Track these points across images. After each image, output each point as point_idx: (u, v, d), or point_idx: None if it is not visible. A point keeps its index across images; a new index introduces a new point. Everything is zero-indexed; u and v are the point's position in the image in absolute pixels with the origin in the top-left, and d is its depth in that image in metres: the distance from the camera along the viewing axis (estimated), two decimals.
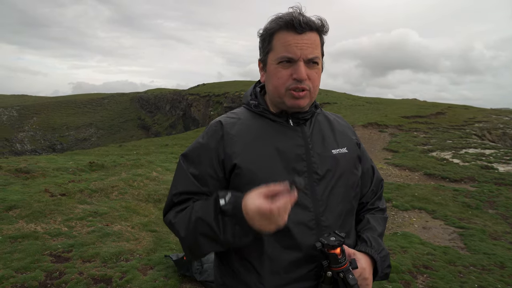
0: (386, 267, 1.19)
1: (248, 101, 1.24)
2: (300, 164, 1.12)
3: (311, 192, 1.11)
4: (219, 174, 1.13)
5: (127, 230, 4.84)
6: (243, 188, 1.07)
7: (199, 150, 1.17)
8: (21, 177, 6.53)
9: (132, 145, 15.57)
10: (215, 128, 1.17)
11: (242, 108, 1.27)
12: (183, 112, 50.94)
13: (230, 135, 1.14)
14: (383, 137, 14.34)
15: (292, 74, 1.09)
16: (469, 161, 10.25)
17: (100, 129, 62.32)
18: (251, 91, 1.28)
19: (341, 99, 29.37)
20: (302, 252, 1.08)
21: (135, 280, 3.50)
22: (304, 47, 1.07)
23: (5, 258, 3.75)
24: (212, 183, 1.14)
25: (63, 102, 69.87)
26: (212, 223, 1.02)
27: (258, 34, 1.17)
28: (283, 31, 1.09)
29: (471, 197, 7.05)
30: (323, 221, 1.11)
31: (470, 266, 4.14)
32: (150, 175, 7.42)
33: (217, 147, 1.13)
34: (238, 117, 1.21)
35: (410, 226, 5.62)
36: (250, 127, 1.16)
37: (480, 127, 16.50)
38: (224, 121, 1.19)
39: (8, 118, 60.83)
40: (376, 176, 1.36)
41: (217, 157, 1.13)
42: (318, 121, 1.24)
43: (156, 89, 71.41)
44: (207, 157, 1.14)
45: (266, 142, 1.13)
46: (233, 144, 1.12)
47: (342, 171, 1.17)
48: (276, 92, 1.14)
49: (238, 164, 1.09)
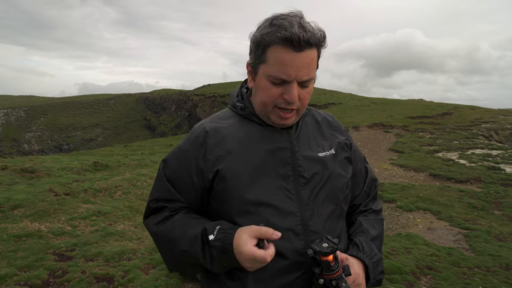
0: (379, 273, 1.15)
1: (234, 103, 1.19)
2: (285, 168, 1.09)
3: (297, 197, 1.08)
4: (196, 183, 1.09)
5: (130, 229, 4.86)
6: (227, 193, 1.05)
7: (177, 157, 1.13)
8: (26, 177, 6.60)
9: (137, 145, 15.66)
10: (197, 134, 1.12)
11: (228, 110, 1.21)
12: (189, 112, 51.12)
13: (213, 141, 1.09)
14: (389, 137, 14.25)
15: (283, 93, 1.03)
16: (476, 161, 10.14)
17: (106, 129, 62.78)
18: (237, 91, 1.21)
19: (346, 100, 29.27)
20: (288, 259, 1.04)
21: (137, 279, 3.51)
22: (299, 69, 1.00)
23: (9, 256, 3.78)
24: (188, 191, 1.11)
25: (70, 103, 70.51)
26: (199, 256, 1.01)
27: (250, 35, 1.08)
28: (279, 46, 0.99)
29: (477, 198, 6.98)
30: (310, 226, 1.07)
31: (475, 267, 4.09)
32: (154, 175, 7.44)
33: (197, 155, 1.09)
34: (222, 120, 1.16)
35: (415, 227, 5.57)
36: (235, 131, 1.12)
37: (487, 128, 16.33)
38: (208, 126, 1.13)
39: (16, 118, 61.52)
40: (369, 177, 1.31)
41: (196, 166, 1.09)
42: (305, 123, 1.20)
43: (161, 90, 71.78)
44: (185, 165, 1.10)
45: (251, 147, 1.09)
46: (216, 150, 1.08)
47: (329, 174, 1.13)
48: (263, 106, 1.09)
49: (222, 170, 1.05)
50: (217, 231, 1.00)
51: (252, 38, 1.07)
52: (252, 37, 1.07)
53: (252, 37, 1.07)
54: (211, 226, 1.02)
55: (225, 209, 1.07)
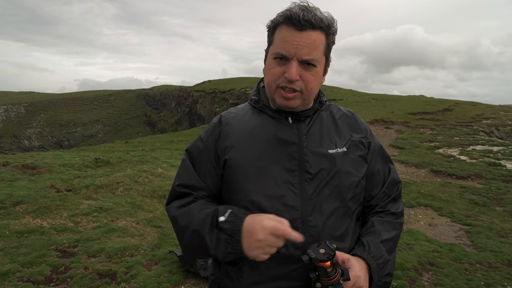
0: (386, 275, 1.10)
1: (251, 97, 1.26)
2: (291, 163, 1.09)
3: (300, 191, 1.08)
4: (218, 170, 1.15)
5: (132, 225, 4.87)
6: (234, 183, 1.11)
7: (199, 146, 1.20)
8: (28, 173, 6.60)
9: (138, 142, 15.65)
10: (214, 124, 1.21)
11: (246, 103, 1.28)
12: (189, 108, 51.07)
13: (226, 130, 1.17)
14: (390, 133, 14.23)
15: (285, 72, 1.06)
16: (477, 158, 10.13)
17: (106, 125, 62.77)
18: (257, 86, 1.28)
19: (347, 96, 29.21)
20: (284, 251, 1.04)
21: (139, 276, 3.51)
22: (300, 47, 1.03)
23: (11, 252, 3.79)
24: (211, 179, 1.16)
25: (70, 99, 70.45)
26: (206, 238, 1.03)
27: (268, 23, 1.15)
28: (284, 26, 1.06)
29: (478, 194, 6.98)
30: (310, 221, 1.06)
31: (477, 263, 4.09)
32: (155, 171, 7.44)
33: (215, 143, 1.16)
34: (237, 112, 1.23)
35: (416, 223, 5.58)
36: (247, 123, 1.17)
37: (488, 124, 16.31)
38: (224, 116, 1.22)
39: (16, 114, 61.52)
40: (391, 178, 1.26)
41: (214, 153, 1.15)
42: (321, 118, 1.19)
43: (162, 86, 71.69)
44: (206, 153, 1.17)
45: (259, 139, 1.13)
46: (226, 139, 1.14)
47: (336, 171, 1.11)
48: (268, 87, 1.14)
49: (229, 159, 1.11)
50: (229, 214, 1.03)
51: (269, 27, 1.14)
52: (268, 25, 1.14)
53: (268, 25, 1.14)
54: (223, 208, 1.05)
55: (232, 198, 1.12)
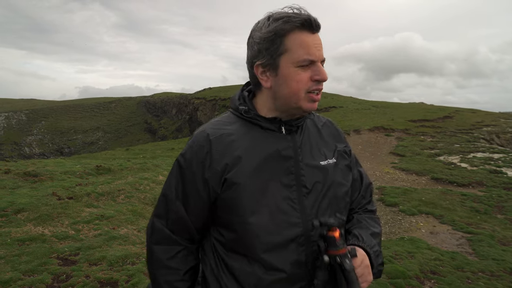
0: (380, 265, 1.15)
1: (236, 106, 1.15)
2: (289, 178, 1.07)
3: (300, 207, 1.06)
4: (203, 195, 1.07)
5: (133, 233, 4.86)
6: (234, 203, 1.03)
7: (182, 171, 1.10)
8: (29, 181, 6.61)
9: (139, 149, 15.67)
10: (200, 143, 1.08)
11: (229, 115, 1.17)
12: (189, 116, 51.17)
13: (219, 148, 1.06)
14: (390, 141, 14.25)
15: (312, 76, 1.04)
16: (477, 165, 10.13)
17: (107, 133, 62.83)
18: (238, 95, 1.18)
19: (347, 103, 29.28)
20: (286, 272, 1.04)
21: (141, 284, 3.50)
22: (319, 48, 1.05)
23: (13, 260, 3.78)
24: (195, 206, 1.09)
25: (71, 106, 70.64)
26: None
27: (251, 39, 1.09)
28: (298, 31, 1.03)
29: (480, 202, 6.97)
30: (312, 236, 1.06)
31: (479, 272, 4.08)
32: (156, 178, 7.45)
33: (202, 166, 1.05)
34: (225, 126, 1.12)
35: (417, 231, 5.56)
36: (241, 137, 1.08)
37: (488, 131, 16.32)
38: (212, 133, 1.09)
39: (17, 122, 61.64)
40: (365, 181, 1.30)
41: (201, 177, 1.06)
42: (307, 128, 1.18)
43: (162, 93, 71.90)
44: (190, 178, 1.08)
45: (257, 154, 1.06)
46: (222, 158, 1.04)
47: (330, 183, 1.12)
48: (294, 96, 1.06)
49: (230, 178, 1.03)
50: None
51: (257, 38, 1.06)
52: (256, 38, 1.06)
53: (256, 38, 1.06)
54: None
55: (232, 220, 1.05)
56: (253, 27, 1.09)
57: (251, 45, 1.09)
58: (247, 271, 1.04)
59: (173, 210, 1.11)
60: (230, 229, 1.06)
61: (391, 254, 4.48)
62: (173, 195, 1.11)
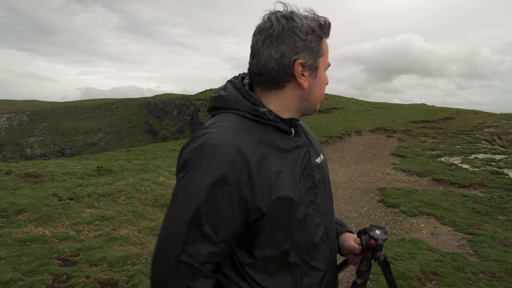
0: None
1: (256, 109, 1.00)
2: (308, 181, 1.05)
3: (317, 207, 1.07)
4: (238, 217, 0.92)
5: (134, 234, 4.86)
6: (284, 220, 0.96)
7: (211, 190, 0.89)
8: (31, 181, 6.62)
9: (140, 150, 15.68)
10: (232, 157, 0.90)
11: (240, 118, 1.00)
12: (191, 117, 51.21)
13: (255, 162, 0.92)
14: (391, 142, 14.23)
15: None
16: (479, 166, 10.11)
17: (108, 134, 62.98)
18: (245, 95, 1.03)
19: (348, 104, 29.29)
20: (322, 270, 1.07)
21: (141, 284, 3.51)
22: None
23: (13, 261, 3.79)
24: (228, 228, 0.92)
25: (73, 107, 70.83)
26: None
27: (302, 31, 0.98)
28: (325, 37, 1.06)
29: (481, 203, 6.95)
30: (330, 231, 1.11)
31: (480, 273, 4.07)
32: (157, 179, 7.45)
33: (239, 183, 0.90)
34: (247, 133, 0.97)
35: (418, 232, 5.55)
36: (270, 146, 0.98)
37: (490, 132, 16.30)
38: (242, 144, 0.92)
39: (19, 123, 61.84)
40: None
41: (238, 196, 0.90)
42: (302, 127, 1.17)
43: (163, 94, 72.04)
44: (223, 198, 0.90)
45: (289, 163, 1.00)
46: (262, 173, 0.92)
47: (327, 178, 1.16)
48: (320, 98, 1.09)
49: (282, 195, 0.94)
50: None
51: (303, 35, 0.98)
52: (301, 34, 0.98)
53: (301, 34, 0.98)
54: None
55: (276, 234, 0.97)
56: (288, 22, 0.97)
57: (290, 39, 0.97)
58: (293, 282, 1.01)
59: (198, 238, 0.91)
60: (270, 246, 0.98)
61: (392, 255, 4.47)
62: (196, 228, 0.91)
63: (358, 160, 11.35)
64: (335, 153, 12.10)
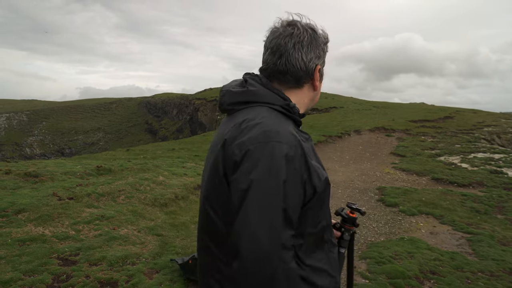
0: None
1: (286, 104, 1.09)
2: None
3: None
4: (302, 198, 1.00)
5: (133, 234, 4.87)
6: (325, 201, 1.11)
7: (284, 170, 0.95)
8: (30, 181, 6.62)
9: (140, 149, 15.66)
10: (294, 143, 0.99)
11: (275, 113, 1.07)
12: (190, 116, 51.19)
13: (306, 148, 1.03)
14: (390, 141, 14.24)
15: None
16: (478, 165, 10.12)
17: (108, 133, 62.91)
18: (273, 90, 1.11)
19: (348, 103, 29.27)
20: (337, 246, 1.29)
21: (141, 284, 3.52)
22: None
23: (13, 261, 3.80)
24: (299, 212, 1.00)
25: (72, 107, 70.73)
26: None
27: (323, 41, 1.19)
28: None
29: (480, 202, 6.97)
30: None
31: (478, 272, 4.08)
32: (157, 179, 7.46)
33: (301, 166, 0.98)
34: (289, 126, 1.06)
35: (417, 231, 5.56)
36: (305, 136, 1.18)
37: (489, 131, 16.31)
38: (295, 133, 1.04)
39: (18, 122, 61.74)
40: None
41: (301, 178, 0.99)
42: None
43: (163, 94, 71.97)
44: (295, 179, 0.97)
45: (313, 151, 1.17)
46: (311, 157, 1.05)
47: None
48: (316, 101, 1.28)
49: (327, 176, 1.11)
50: None
51: (324, 45, 1.20)
52: (323, 44, 1.20)
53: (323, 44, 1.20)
54: None
55: (319, 213, 1.09)
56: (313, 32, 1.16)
57: (317, 47, 1.16)
58: (325, 258, 1.13)
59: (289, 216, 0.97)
60: (313, 225, 1.08)
61: (391, 254, 4.48)
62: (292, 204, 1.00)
63: (357, 160, 11.37)
64: (334, 152, 12.12)
